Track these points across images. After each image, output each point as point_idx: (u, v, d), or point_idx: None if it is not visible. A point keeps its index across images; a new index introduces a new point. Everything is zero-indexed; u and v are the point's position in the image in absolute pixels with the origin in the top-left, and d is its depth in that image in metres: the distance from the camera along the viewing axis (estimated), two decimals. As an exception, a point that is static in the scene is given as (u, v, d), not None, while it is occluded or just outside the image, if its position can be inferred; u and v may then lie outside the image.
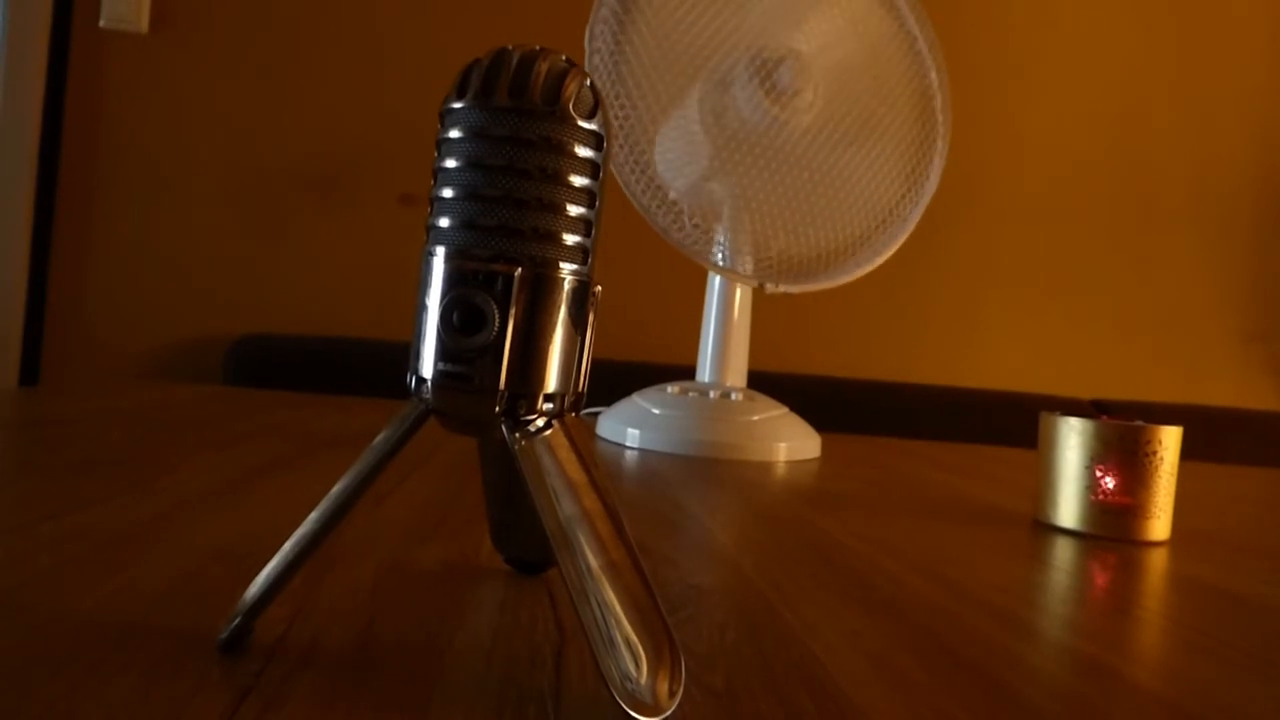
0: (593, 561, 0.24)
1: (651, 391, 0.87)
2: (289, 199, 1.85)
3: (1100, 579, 0.44)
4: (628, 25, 0.77)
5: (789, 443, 0.82)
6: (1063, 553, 0.50)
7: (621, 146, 0.79)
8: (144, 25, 1.79)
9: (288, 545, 0.26)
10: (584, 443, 0.26)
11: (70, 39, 1.78)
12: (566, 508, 0.25)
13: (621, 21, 0.77)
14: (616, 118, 0.77)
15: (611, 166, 0.78)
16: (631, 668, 0.22)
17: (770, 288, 0.81)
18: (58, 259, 1.79)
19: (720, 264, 0.85)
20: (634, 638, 0.23)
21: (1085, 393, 2.00)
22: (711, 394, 0.85)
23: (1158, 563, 0.49)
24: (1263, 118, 2.07)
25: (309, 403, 1.00)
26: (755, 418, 0.83)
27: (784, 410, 0.86)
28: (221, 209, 1.83)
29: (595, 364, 1.48)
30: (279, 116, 1.84)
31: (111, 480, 0.47)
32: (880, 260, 0.89)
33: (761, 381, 1.15)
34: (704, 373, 0.89)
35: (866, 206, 0.86)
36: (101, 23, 1.78)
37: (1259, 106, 2.07)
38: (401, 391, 1.46)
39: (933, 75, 0.88)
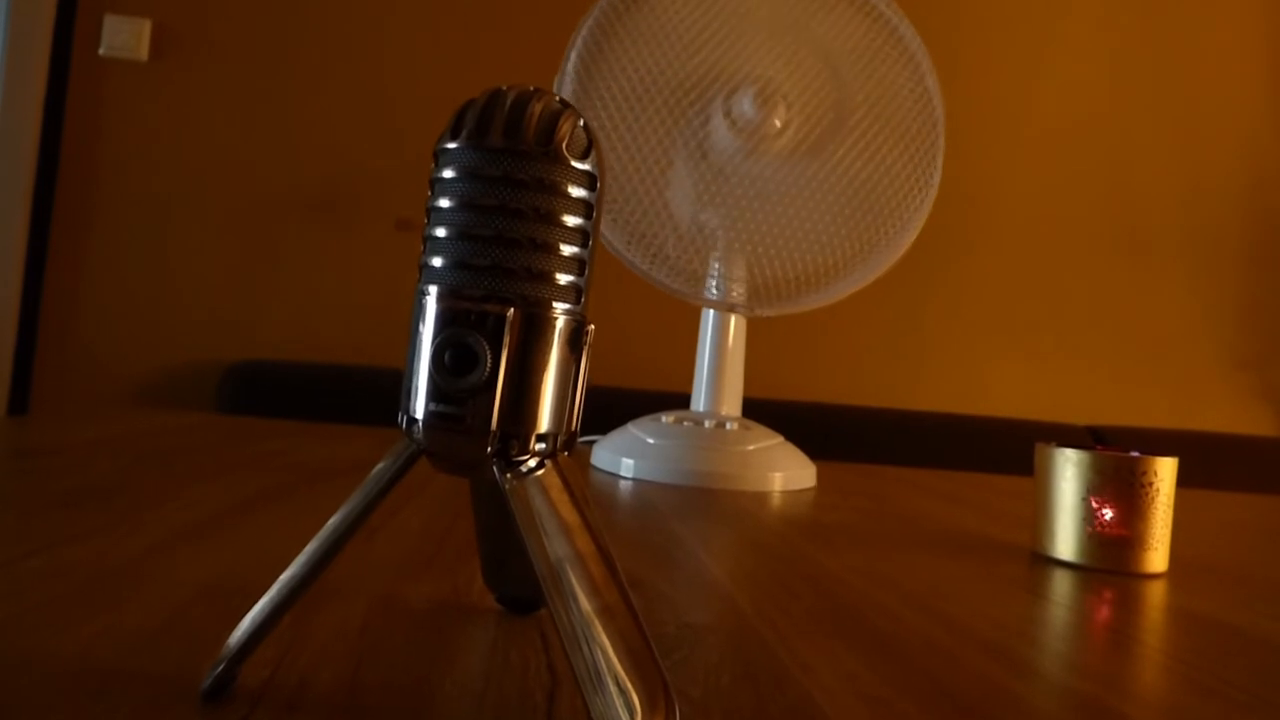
0: (585, 604, 0.24)
1: (646, 421, 0.86)
2: (285, 226, 1.85)
3: (1099, 614, 0.44)
4: (595, 76, 0.78)
5: (784, 472, 0.82)
6: (1061, 586, 0.49)
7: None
8: (144, 53, 1.80)
9: (274, 589, 0.25)
10: (577, 483, 0.26)
11: (69, 66, 1.79)
12: (558, 549, 0.24)
13: (590, 70, 0.78)
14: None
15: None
16: (625, 715, 0.22)
17: (760, 312, 0.81)
18: (52, 284, 1.79)
19: (714, 293, 0.85)
20: (627, 683, 0.23)
21: (1080, 419, 2.00)
22: (706, 423, 0.84)
23: (1156, 596, 0.49)
24: (1252, 148, 2.09)
25: (302, 431, 0.99)
26: (750, 447, 0.82)
27: (779, 439, 0.86)
28: (217, 236, 1.83)
29: (589, 391, 1.47)
30: (276, 144, 1.85)
31: (98, 514, 0.47)
32: (871, 279, 0.88)
33: (757, 409, 1.15)
34: (699, 401, 0.89)
35: (852, 225, 0.86)
36: (101, 50, 1.79)
37: (1248, 136, 2.09)
38: (397, 420, 1.45)
39: (929, 81, 0.86)
